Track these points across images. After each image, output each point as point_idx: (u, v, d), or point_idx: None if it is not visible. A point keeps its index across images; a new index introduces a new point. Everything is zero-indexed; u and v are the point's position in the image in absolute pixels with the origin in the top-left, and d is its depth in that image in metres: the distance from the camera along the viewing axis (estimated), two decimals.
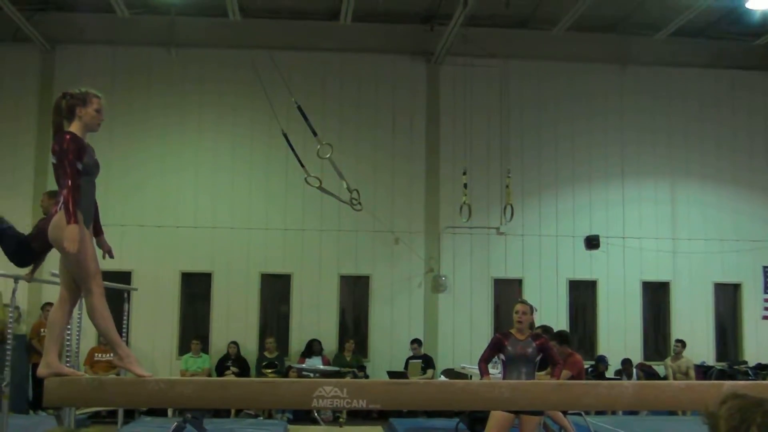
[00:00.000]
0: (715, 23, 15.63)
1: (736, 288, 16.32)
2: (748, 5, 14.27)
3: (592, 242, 15.73)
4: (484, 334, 14.34)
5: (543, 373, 8.60)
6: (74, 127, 5.11)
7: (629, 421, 13.01)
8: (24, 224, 15.10)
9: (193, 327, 15.42)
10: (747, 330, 16.24)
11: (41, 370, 4.85)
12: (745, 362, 15.88)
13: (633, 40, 16.17)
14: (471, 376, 12.05)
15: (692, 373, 14.96)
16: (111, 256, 5.51)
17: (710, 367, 15.65)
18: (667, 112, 16.37)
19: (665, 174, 16.30)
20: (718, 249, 16.07)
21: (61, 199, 4.87)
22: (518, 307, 7.71)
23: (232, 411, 13.47)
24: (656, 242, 16.04)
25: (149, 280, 14.87)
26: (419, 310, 15.58)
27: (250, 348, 15.16)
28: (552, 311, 15.18)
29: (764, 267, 15.80)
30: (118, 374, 12.70)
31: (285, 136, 11.11)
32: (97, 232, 5.54)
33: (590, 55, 16.26)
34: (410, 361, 14.84)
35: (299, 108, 10.91)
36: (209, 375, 14.38)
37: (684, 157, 16.33)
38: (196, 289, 15.54)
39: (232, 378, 13.28)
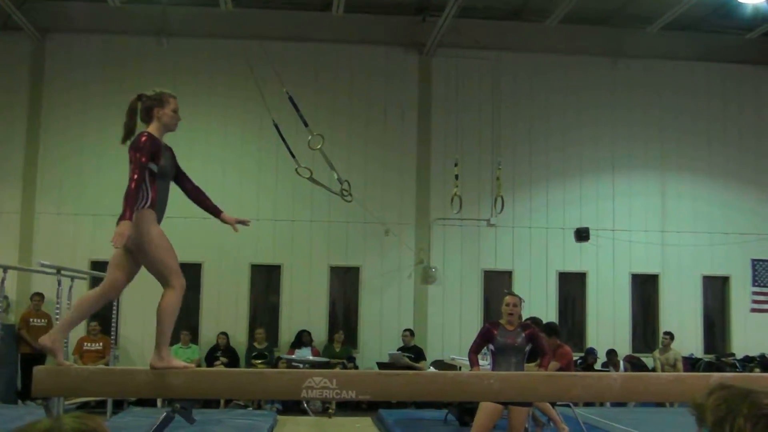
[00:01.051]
0: (707, 17, 15.66)
1: (724, 281, 16.39)
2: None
3: (581, 234, 15.77)
4: (473, 326, 14.36)
5: (532, 364, 8.63)
6: (152, 128, 5.14)
7: (617, 412, 13.06)
8: (10, 216, 15.10)
9: (183, 318, 15.31)
10: (735, 322, 16.33)
11: (44, 340, 4.84)
12: (733, 354, 15.97)
13: (625, 33, 16.19)
14: (460, 368, 12.08)
15: (680, 365, 15.03)
16: (246, 224, 5.80)
17: (698, 360, 15.73)
18: (659, 106, 16.41)
19: (655, 167, 16.35)
20: (707, 242, 16.14)
21: (143, 197, 5.01)
22: (509, 299, 7.73)
23: (222, 401, 13.48)
24: (646, 235, 16.09)
25: (139, 271, 14.80)
26: (409, 302, 15.61)
27: (239, 339, 15.17)
28: (541, 303, 15.23)
29: (753, 260, 15.88)
30: (107, 364, 12.70)
31: (276, 126, 11.09)
32: (216, 211, 5.76)
33: (582, 47, 16.27)
34: (397, 351, 14.85)
35: (290, 98, 10.89)
36: (198, 366, 14.37)
37: (675, 151, 16.38)
38: (185, 280, 15.44)
39: (222, 368, 13.27)
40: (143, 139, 4.96)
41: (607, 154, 16.23)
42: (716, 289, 16.53)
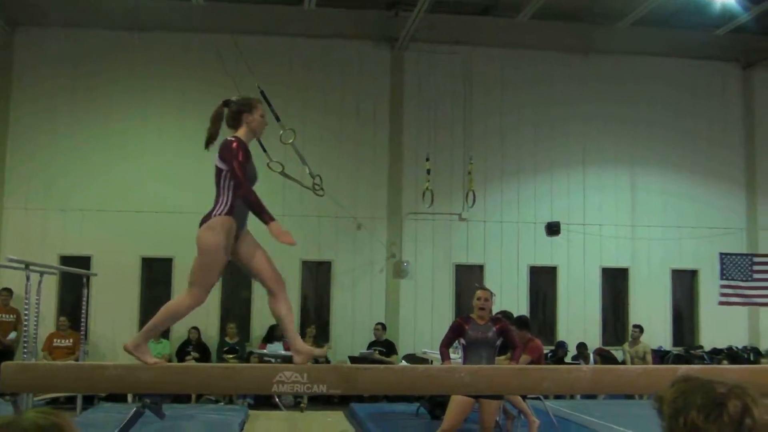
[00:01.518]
0: (677, 13, 15.77)
1: (693, 274, 16.57)
2: None
3: (552, 229, 15.86)
4: (445, 320, 14.40)
5: (503, 357, 8.68)
6: (240, 134, 5.20)
7: (588, 404, 13.18)
8: None
9: (154, 313, 15.20)
10: (703, 316, 16.51)
11: (297, 359, 4.85)
12: (701, 347, 16.16)
13: (596, 29, 16.29)
14: (432, 361, 12.13)
15: (649, 357, 15.18)
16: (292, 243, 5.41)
17: (667, 352, 15.90)
18: (629, 101, 16.53)
19: (626, 161, 16.48)
20: (677, 236, 16.30)
21: (222, 202, 5.09)
22: (480, 293, 7.77)
23: (193, 396, 13.43)
24: (616, 229, 16.23)
25: (109, 266, 14.73)
26: (381, 296, 15.63)
27: (211, 333, 15.12)
28: (513, 297, 15.31)
29: (721, 254, 16.03)
30: (77, 360, 12.61)
31: None
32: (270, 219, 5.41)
33: (553, 43, 16.35)
34: (368, 350, 14.87)
35: (262, 93, 10.81)
36: (170, 361, 14.29)
37: (645, 145, 16.51)
38: (157, 275, 15.44)
39: (193, 363, 13.22)
40: (234, 144, 5.04)
41: (578, 148, 16.33)
42: (685, 283, 16.71)
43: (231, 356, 14.38)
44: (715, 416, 1.72)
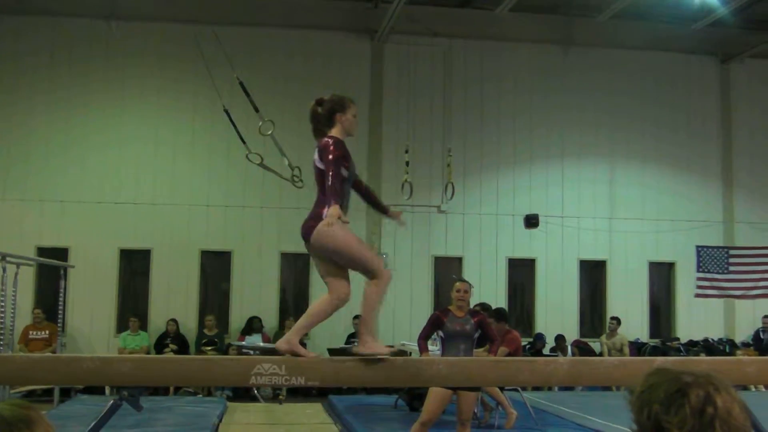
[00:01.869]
0: (656, 6, 15.84)
1: (670, 267, 16.69)
2: None
3: (531, 221, 15.92)
4: (424, 312, 14.42)
5: (481, 350, 8.71)
6: (335, 133, 5.13)
7: (565, 396, 13.27)
8: None
9: (132, 304, 15.25)
10: (680, 308, 16.64)
11: (281, 344, 4.89)
12: (678, 339, 16.29)
13: (575, 22, 16.33)
14: (410, 353, 12.15)
15: (626, 349, 15.30)
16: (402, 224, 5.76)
17: (644, 344, 16.02)
18: (608, 94, 16.60)
19: (604, 155, 16.55)
20: (654, 229, 16.41)
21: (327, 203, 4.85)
22: (459, 285, 7.78)
23: (171, 388, 13.39)
24: (594, 221, 16.31)
25: (87, 257, 14.66)
26: (360, 288, 15.58)
27: (189, 326, 15.07)
28: (491, 289, 15.35)
29: (697, 246, 16.18)
30: (54, 352, 12.54)
31: (227, 112, 11.01)
32: (384, 210, 5.83)
33: (533, 35, 16.39)
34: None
35: (241, 84, 10.82)
36: (148, 353, 14.24)
37: (623, 138, 16.59)
38: (135, 266, 15.38)
39: (170, 355, 13.18)
40: (331, 142, 5.00)
41: (557, 141, 16.39)
42: (662, 275, 16.83)
43: (209, 348, 14.35)
44: (676, 407, 1.71)
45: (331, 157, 4.93)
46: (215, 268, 15.64)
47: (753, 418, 5.52)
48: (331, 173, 4.87)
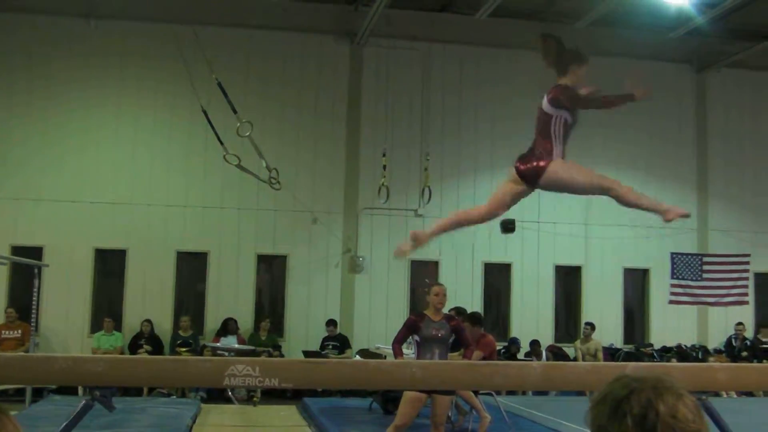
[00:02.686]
0: (633, 15, 15.95)
1: (644, 273, 16.81)
2: None
3: (507, 226, 15.96)
4: (399, 315, 14.45)
5: (456, 354, 8.74)
6: (567, 81, 5.54)
7: (539, 401, 13.32)
8: None
9: (107, 304, 15.16)
10: (653, 314, 16.76)
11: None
12: (651, 345, 16.41)
13: (553, 28, 16.39)
14: (386, 357, 12.16)
15: (600, 355, 15.37)
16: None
17: (618, 350, 16.12)
18: None
19: (581, 160, 16.50)
20: (629, 235, 16.51)
21: (558, 152, 5.56)
22: (437, 289, 7.80)
23: (145, 389, 13.32)
24: (570, 227, 16.39)
25: (62, 256, 14.55)
26: (336, 291, 15.63)
27: (164, 326, 15.00)
28: (467, 293, 15.40)
29: (672, 253, 16.30)
30: (26, 352, 12.44)
31: (205, 113, 11.00)
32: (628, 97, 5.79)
33: (511, 41, 16.43)
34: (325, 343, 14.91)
35: (220, 85, 10.82)
36: (122, 353, 14.16)
37: (599, 145, 16.66)
38: (110, 266, 15.29)
39: (144, 356, 13.11)
40: (568, 89, 5.49)
41: None
42: (636, 281, 16.95)
43: (184, 349, 14.29)
44: (620, 417, 1.70)
45: (571, 95, 5.55)
46: (191, 269, 15.58)
47: (718, 420, 5.57)
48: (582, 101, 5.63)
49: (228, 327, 14.74)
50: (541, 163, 5.49)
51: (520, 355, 15.34)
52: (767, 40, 16.16)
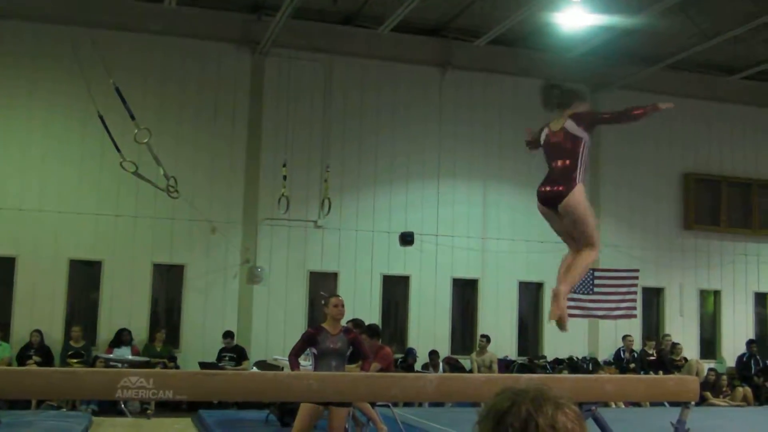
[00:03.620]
0: (532, 35, 16.36)
1: (538, 287, 17.19)
2: (559, 21, 15.06)
3: (406, 239, 16.10)
4: (298, 327, 14.40)
5: (353, 366, 8.77)
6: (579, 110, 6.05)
7: (435, 412, 13.46)
8: None
9: None
10: (547, 327, 17.09)
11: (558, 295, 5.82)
12: (544, 357, 16.79)
13: (454, 45, 16.69)
14: (283, 368, 12.10)
15: (495, 366, 15.66)
16: None
17: (512, 361, 16.43)
18: (483, 117, 17.01)
19: (479, 176, 16.93)
20: (524, 249, 16.86)
21: (580, 172, 5.86)
22: (337, 300, 7.81)
23: (33, 402, 12.89)
24: (467, 241, 16.64)
25: None
26: (234, 301, 15.47)
27: (55, 337, 14.54)
28: (365, 305, 15.46)
29: None
30: None
31: (101, 118, 10.76)
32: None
33: (413, 56, 16.65)
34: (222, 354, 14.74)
35: (117, 90, 10.60)
36: (9, 365, 13.67)
37: (496, 162, 16.99)
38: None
39: (33, 368, 12.70)
40: (591, 113, 6.18)
41: (434, 161, 16.65)
42: (531, 295, 17.33)
43: (75, 360, 13.89)
44: (502, 430, 1.72)
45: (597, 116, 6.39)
46: (84, 278, 15.17)
47: (606, 429, 5.75)
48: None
49: (122, 338, 14.40)
50: (562, 188, 5.86)
51: (418, 366, 15.47)
52: (656, 65, 16.81)
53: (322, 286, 15.27)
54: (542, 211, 6.12)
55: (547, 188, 5.96)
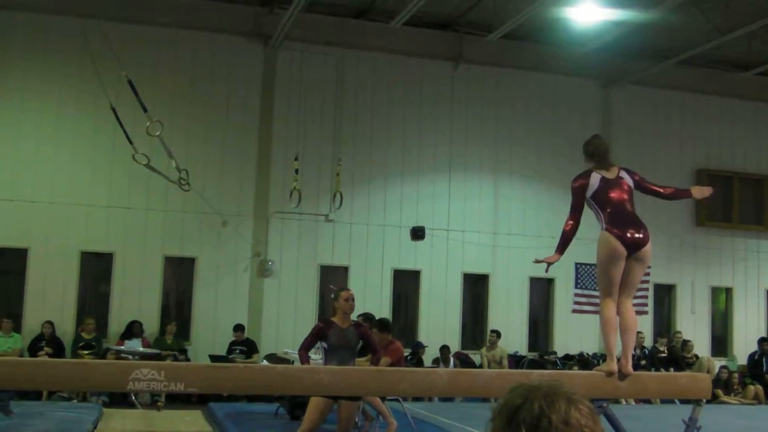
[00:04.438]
0: (544, 30, 16.30)
1: (549, 282, 17.14)
2: (571, 16, 14.99)
3: (417, 233, 16.09)
4: (308, 320, 14.43)
5: (363, 359, 8.76)
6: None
7: (445, 407, 13.46)
8: None
9: (6, 304, 14.69)
10: (557, 322, 17.12)
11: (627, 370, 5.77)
12: (555, 353, 16.76)
13: (466, 39, 16.65)
14: (293, 362, 12.11)
15: (505, 362, 15.64)
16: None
17: (523, 357, 16.41)
18: (495, 111, 16.98)
19: (490, 170, 16.90)
20: (535, 245, 16.79)
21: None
22: (347, 294, 7.79)
23: (44, 393, 12.94)
24: (478, 236, 16.62)
25: None
26: (244, 295, 15.49)
27: (66, 328, 14.60)
28: (376, 299, 15.45)
29: (576, 263, 16.64)
30: None
31: (113, 110, 10.76)
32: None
33: (425, 50, 16.62)
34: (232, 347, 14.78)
35: (130, 82, 10.59)
36: (21, 356, 13.74)
37: (507, 156, 16.98)
38: (9, 265, 14.82)
39: (44, 359, 12.75)
40: (641, 176, 6.64)
41: (445, 155, 16.64)
42: (541, 290, 17.29)
43: (87, 352, 13.94)
44: (515, 426, 1.71)
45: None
46: (96, 270, 15.22)
47: (618, 426, 5.73)
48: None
49: (133, 330, 14.45)
50: (647, 235, 6.27)
51: (428, 361, 15.46)
52: (668, 60, 16.72)
53: (333, 280, 15.28)
54: (618, 254, 6.25)
55: (638, 235, 6.20)
